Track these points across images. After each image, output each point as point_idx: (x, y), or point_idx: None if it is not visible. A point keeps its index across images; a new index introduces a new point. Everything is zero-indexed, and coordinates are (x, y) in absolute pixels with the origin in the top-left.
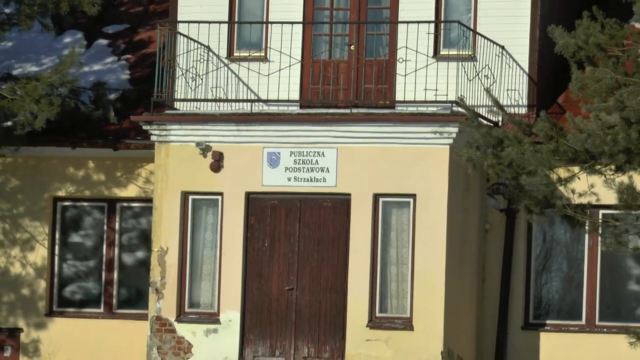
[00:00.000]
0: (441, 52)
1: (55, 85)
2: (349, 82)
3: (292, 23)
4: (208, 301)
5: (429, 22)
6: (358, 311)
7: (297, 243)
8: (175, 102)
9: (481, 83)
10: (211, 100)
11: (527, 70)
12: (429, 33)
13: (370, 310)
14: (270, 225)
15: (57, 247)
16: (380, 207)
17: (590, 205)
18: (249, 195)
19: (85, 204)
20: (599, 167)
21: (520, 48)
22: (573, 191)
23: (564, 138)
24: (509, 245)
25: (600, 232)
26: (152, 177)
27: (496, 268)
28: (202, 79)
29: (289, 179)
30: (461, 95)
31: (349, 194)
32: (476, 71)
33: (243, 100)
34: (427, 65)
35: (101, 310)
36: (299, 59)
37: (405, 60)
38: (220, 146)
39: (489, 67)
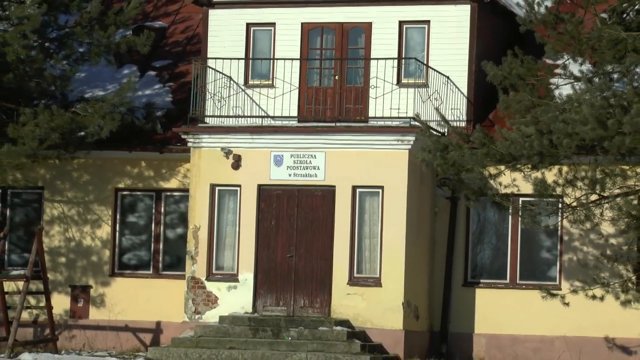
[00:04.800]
0: (402, 81)
1: (116, 105)
2: (334, 103)
3: (292, 59)
4: (230, 265)
5: (393, 58)
6: (341, 273)
7: (295, 222)
8: (205, 118)
9: (432, 104)
10: (232, 116)
11: (466, 94)
12: (393, 67)
13: (350, 272)
14: (275, 209)
15: (117, 225)
16: (357, 196)
17: (513, 194)
18: (260, 187)
19: (138, 193)
20: (519, 166)
21: (461, 78)
22: (500, 184)
23: (494, 144)
24: (453, 224)
25: (520, 214)
26: (189, 173)
27: (443, 241)
28: (225, 101)
29: (290, 175)
30: (417, 112)
31: (334, 186)
32: (428, 95)
33: (255, 116)
34: (392, 91)
35: (150, 272)
36: (297, 85)
37: (376, 87)
38: (238, 150)
39: (437, 92)
